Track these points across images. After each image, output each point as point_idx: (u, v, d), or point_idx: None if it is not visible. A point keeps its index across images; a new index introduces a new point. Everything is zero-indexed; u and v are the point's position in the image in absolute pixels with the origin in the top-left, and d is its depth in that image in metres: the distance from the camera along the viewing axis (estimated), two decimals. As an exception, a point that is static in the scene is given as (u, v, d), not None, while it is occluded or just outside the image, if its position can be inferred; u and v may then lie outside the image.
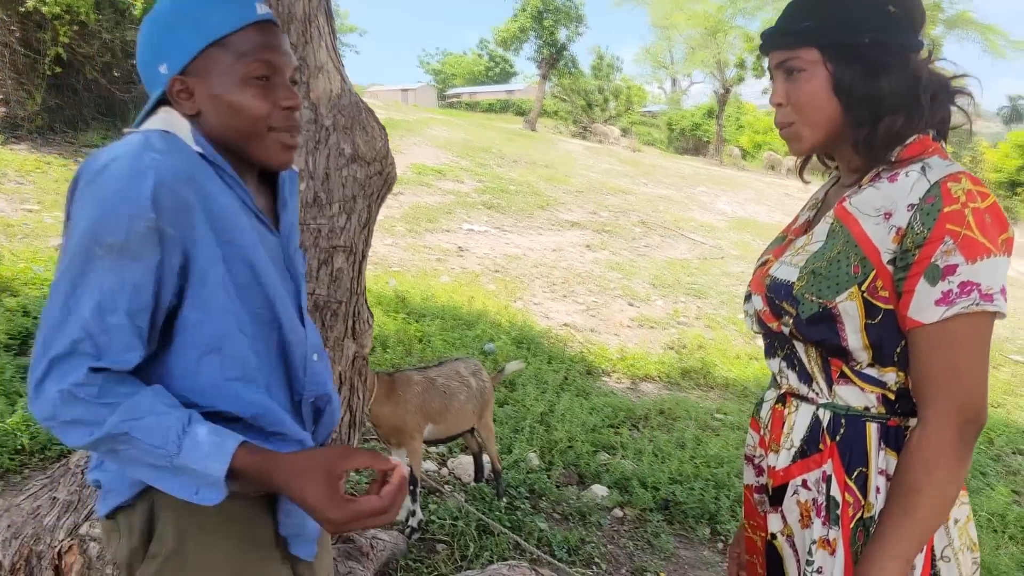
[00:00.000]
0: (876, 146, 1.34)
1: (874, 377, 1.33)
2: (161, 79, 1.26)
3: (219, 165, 1.27)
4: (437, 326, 6.36)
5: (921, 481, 1.23)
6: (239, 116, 1.27)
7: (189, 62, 1.25)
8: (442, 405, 3.53)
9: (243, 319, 1.26)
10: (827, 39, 1.33)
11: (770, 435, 1.48)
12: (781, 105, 1.42)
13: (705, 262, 11.33)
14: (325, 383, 1.44)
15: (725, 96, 32.91)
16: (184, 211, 1.17)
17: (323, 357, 1.44)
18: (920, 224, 1.23)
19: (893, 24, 1.32)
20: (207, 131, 1.29)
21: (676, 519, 4.01)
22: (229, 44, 1.26)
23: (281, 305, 1.31)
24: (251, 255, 1.26)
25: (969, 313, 1.20)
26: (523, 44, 31.41)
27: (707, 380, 6.61)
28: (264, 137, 1.30)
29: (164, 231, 1.15)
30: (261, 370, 1.30)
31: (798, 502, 1.41)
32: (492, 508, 3.75)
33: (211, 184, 1.23)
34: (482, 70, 72.17)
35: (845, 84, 1.33)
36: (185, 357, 1.24)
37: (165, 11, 1.27)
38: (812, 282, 1.33)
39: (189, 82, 1.26)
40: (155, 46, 1.27)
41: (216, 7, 1.26)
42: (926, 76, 1.33)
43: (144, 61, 1.28)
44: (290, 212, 1.43)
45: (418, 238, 10.25)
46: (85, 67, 10.35)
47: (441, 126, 20.57)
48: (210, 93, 1.26)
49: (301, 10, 2.35)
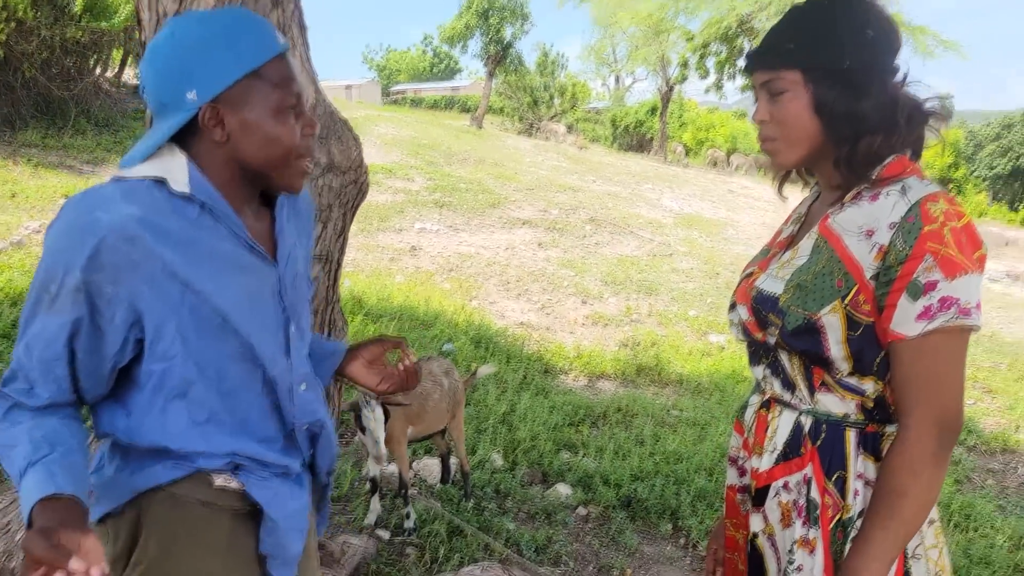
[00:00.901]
0: (856, 164, 1.40)
1: (854, 386, 1.40)
2: (188, 105, 1.25)
3: (209, 203, 1.28)
4: (395, 327, 6.37)
5: (907, 484, 1.30)
6: (274, 145, 1.29)
7: (224, 90, 1.25)
8: (420, 406, 3.55)
9: (210, 364, 1.30)
10: (809, 62, 1.39)
11: (754, 438, 1.55)
12: (764, 122, 1.48)
13: (654, 259, 11.51)
14: (316, 410, 1.46)
15: (668, 94, 33.31)
16: (128, 268, 1.20)
17: (312, 385, 1.46)
18: (902, 242, 1.30)
19: (872, 48, 1.38)
20: (230, 158, 1.30)
21: (639, 516, 4.10)
22: (264, 74, 1.27)
23: (260, 343, 1.33)
24: (220, 303, 1.27)
25: (949, 327, 1.28)
26: (469, 41, 31.36)
27: (661, 377, 6.74)
28: (291, 165, 1.33)
29: (99, 287, 1.20)
30: (232, 410, 1.34)
31: (780, 503, 1.48)
32: (460, 510, 3.79)
33: (182, 230, 1.25)
34: (427, 66, 71.82)
35: (826, 105, 1.39)
36: (153, 405, 1.29)
37: (196, 37, 1.25)
38: (798, 295, 1.40)
39: (221, 110, 1.26)
40: (184, 72, 1.24)
41: (251, 36, 1.27)
42: (902, 98, 1.39)
43: (166, 86, 1.26)
44: (288, 238, 1.44)
45: (370, 237, 10.21)
46: (23, 64, 10.06)
47: (388, 124, 20.46)
48: (244, 122, 1.27)
49: (276, 20, 2.35)
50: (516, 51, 31.50)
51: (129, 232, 1.19)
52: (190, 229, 1.26)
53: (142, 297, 1.22)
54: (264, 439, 1.39)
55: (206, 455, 1.32)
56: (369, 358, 1.62)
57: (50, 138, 10.67)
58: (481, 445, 4.55)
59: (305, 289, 1.48)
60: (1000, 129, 49.66)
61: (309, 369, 1.47)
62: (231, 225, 1.31)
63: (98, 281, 1.19)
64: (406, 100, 51.63)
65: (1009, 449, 5.93)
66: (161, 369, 1.27)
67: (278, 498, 1.39)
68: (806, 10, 1.45)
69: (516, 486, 4.15)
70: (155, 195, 1.24)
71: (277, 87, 1.29)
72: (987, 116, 57.27)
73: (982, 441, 5.97)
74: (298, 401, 1.41)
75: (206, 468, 1.33)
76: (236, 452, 1.34)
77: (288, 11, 2.40)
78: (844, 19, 1.39)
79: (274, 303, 1.39)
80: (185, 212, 1.26)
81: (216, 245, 1.29)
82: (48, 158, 9.93)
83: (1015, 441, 6.04)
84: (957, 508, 4.41)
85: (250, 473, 1.37)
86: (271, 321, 1.38)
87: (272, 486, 1.39)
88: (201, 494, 1.34)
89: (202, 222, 1.28)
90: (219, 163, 1.30)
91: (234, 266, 1.31)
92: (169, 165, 1.27)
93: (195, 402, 1.30)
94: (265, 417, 1.39)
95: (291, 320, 1.41)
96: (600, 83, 45.25)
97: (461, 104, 46.70)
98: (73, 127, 11.19)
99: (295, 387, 1.41)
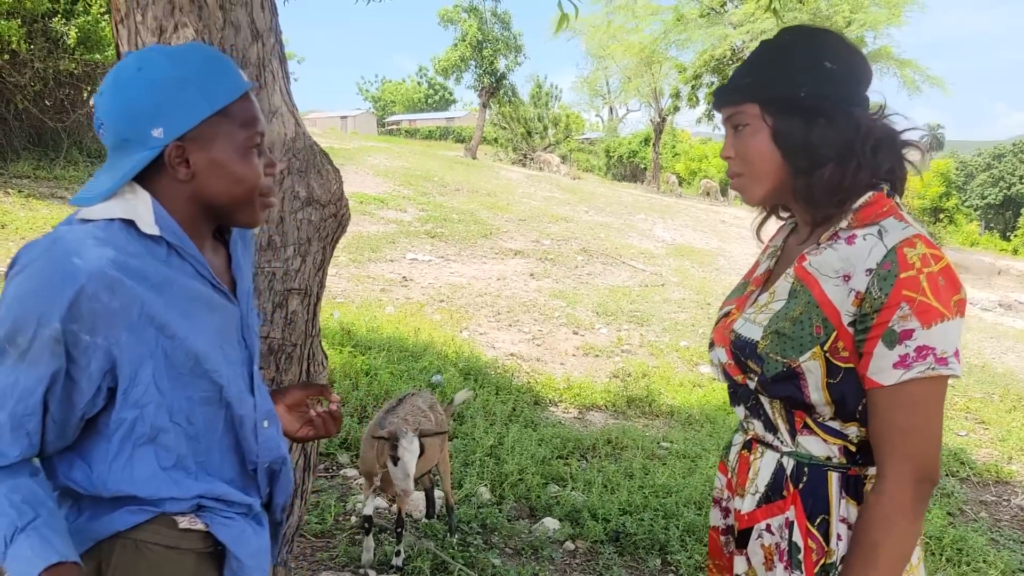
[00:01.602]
0: (814, 196, 1.39)
1: (836, 430, 1.38)
2: (153, 143, 1.24)
3: (176, 244, 1.27)
4: (384, 358, 6.32)
5: (881, 537, 1.28)
6: (241, 184, 1.30)
7: (191, 129, 1.25)
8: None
9: (180, 408, 1.28)
10: (765, 93, 1.40)
11: (736, 479, 1.53)
12: (731, 158, 1.48)
13: (646, 289, 11.51)
14: (278, 447, 1.46)
15: (661, 124, 33.58)
16: (106, 316, 1.18)
17: (274, 422, 1.46)
18: (878, 289, 1.28)
19: (831, 78, 1.38)
20: (193, 196, 1.29)
21: (627, 550, 4.04)
22: (230, 113, 1.28)
23: (230, 384, 1.33)
24: (194, 345, 1.27)
25: (925, 377, 1.26)
26: (463, 73, 31.65)
27: (652, 408, 6.69)
28: (255, 202, 1.33)
29: (76, 336, 1.17)
30: (196, 453, 1.32)
31: (762, 546, 1.46)
32: (445, 545, 3.74)
33: (156, 271, 1.24)
34: (421, 97, 72.37)
35: (783, 135, 1.39)
36: (121, 454, 1.26)
37: (165, 75, 1.24)
38: (776, 342, 1.38)
39: (187, 148, 1.26)
40: (152, 109, 1.23)
41: (220, 75, 1.28)
42: (867, 127, 1.38)
43: (130, 122, 1.24)
44: (245, 275, 1.45)
45: (361, 268, 10.19)
46: (16, 96, 10.10)
47: (382, 154, 20.54)
48: (210, 160, 1.28)
49: (255, 55, 2.35)
50: (510, 82, 31.83)
51: (108, 278, 1.17)
52: (163, 270, 1.25)
53: (119, 344, 1.20)
54: (228, 479, 1.38)
55: (172, 500, 1.30)
56: (291, 403, 1.60)
57: (42, 169, 10.67)
58: (468, 479, 4.49)
59: (256, 323, 1.49)
60: (991, 159, 50.15)
61: (271, 406, 1.46)
62: (197, 265, 1.31)
63: (75, 331, 1.16)
64: (401, 131, 51.99)
65: (1002, 480, 5.89)
66: (133, 417, 1.25)
67: (243, 537, 1.37)
68: (767, 46, 1.46)
69: (503, 521, 4.09)
70: (127, 236, 1.23)
71: (243, 126, 1.29)
72: (978, 146, 57.78)
73: (975, 472, 5.92)
74: (261, 439, 1.41)
75: (170, 511, 1.31)
76: (202, 495, 1.33)
77: (268, 45, 2.40)
78: (800, 52, 1.40)
79: (239, 342, 1.39)
80: (155, 253, 1.26)
81: (188, 285, 1.28)
82: (39, 189, 9.92)
83: (1008, 472, 6.00)
84: (949, 542, 4.36)
85: (214, 513, 1.35)
86: (237, 360, 1.38)
87: (236, 525, 1.37)
88: (165, 538, 1.31)
89: (171, 262, 1.28)
90: (181, 201, 1.29)
91: (205, 306, 1.31)
92: (133, 204, 1.25)
93: (163, 447, 1.28)
94: (226, 457, 1.38)
95: (253, 357, 1.42)
96: (594, 114, 45.67)
97: (456, 135, 47.05)
98: (65, 158, 11.20)
99: (259, 424, 1.41)
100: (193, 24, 2.25)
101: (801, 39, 1.42)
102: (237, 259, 1.44)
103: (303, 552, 3.57)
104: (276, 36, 2.44)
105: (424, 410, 3.60)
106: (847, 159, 1.37)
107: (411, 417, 3.46)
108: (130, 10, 2.25)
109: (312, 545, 3.66)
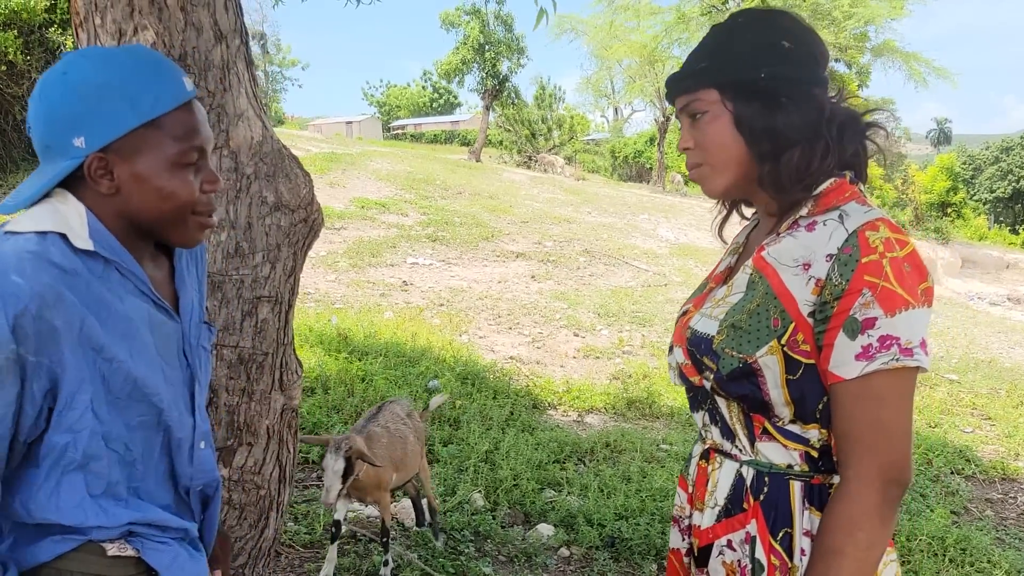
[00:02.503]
0: (782, 182, 1.32)
1: (796, 434, 1.30)
2: (74, 152, 1.17)
3: (114, 259, 1.20)
4: (380, 364, 6.27)
5: (843, 543, 1.19)
6: (168, 201, 1.21)
7: (115, 140, 1.17)
8: (402, 451, 3.47)
9: (118, 435, 1.21)
10: (724, 77, 1.33)
11: (695, 492, 1.45)
12: (689, 149, 1.41)
13: (649, 289, 11.43)
14: (212, 469, 1.40)
15: (665, 124, 33.49)
16: (49, 336, 1.11)
17: (209, 443, 1.39)
18: (838, 275, 1.21)
19: (790, 59, 1.31)
20: (119, 211, 1.22)
21: (623, 556, 3.97)
22: (162, 125, 1.19)
23: (169, 407, 1.26)
24: (133, 369, 1.20)
25: (890, 369, 1.18)
26: (466, 76, 31.63)
27: (652, 410, 6.61)
28: (187, 221, 1.25)
29: (25, 359, 1.09)
30: (131, 479, 1.25)
31: (723, 563, 1.38)
32: (436, 554, 3.67)
33: (92, 289, 1.16)
34: (426, 102, 72.41)
35: (745, 120, 1.32)
36: (50, 478, 1.19)
37: (88, 81, 1.17)
38: (732, 336, 1.30)
39: (110, 160, 1.18)
40: (73, 117, 1.16)
41: (151, 84, 1.19)
42: (830, 109, 1.32)
43: (50, 129, 1.18)
44: (189, 289, 1.37)
45: (361, 273, 10.15)
46: (14, 107, 10.11)
47: (384, 159, 20.52)
48: (135, 174, 1.19)
49: (219, 57, 2.29)
50: (513, 85, 31.79)
51: (51, 296, 1.10)
52: (99, 289, 1.17)
53: (61, 363, 1.13)
54: (163, 504, 1.31)
55: (100, 528, 1.23)
56: None
57: (41, 179, 10.68)
58: (462, 485, 4.43)
59: (205, 337, 1.40)
60: (999, 152, 49.84)
61: (208, 427, 1.40)
62: (136, 282, 1.23)
63: (24, 354, 1.09)
64: (406, 135, 52.02)
65: (1008, 477, 5.79)
66: (64, 442, 1.17)
67: (176, 562, 1.31)
68: (719, 29, 1.39)
69: (496, 527, 4.03)
70: (62, 251, 1.15)
71: (177, 139, 1.20)
72: (986, 140, 57.48)
73: (980, 470, 5.82)
74: (196, 460, 1.34)
75: (97, 539, 1.24)
76: (132, 522, 1.25)
77: (233, 47, 2.35)
78: (757, 33, 1.33)
79: (179, 361, 1.32)
80: (92, 268, 1.18)
81: (125, 304, 1.21)
82: (38, 200, 9.93)
83: (1014, 469, 5.90)
84: (953, 542, 4.26)
85: (145, 539, 1.28)
86: (178, 381, 1.31)
87: (170, 551, 1.30)
88: (93, 567, 1.24)
89: (109, 277, 1.20)
90: (110, 215, 1.21)
91: (145, 325, 1.23)
92: (65, 215, 1.18)
93: (94, 474, 1.21)
94: (162, 482, 1.31)
95: (195, 375, 1.35)
96: (599, 115, 45.61)
97: (461, 138, 47.05)
98: (64, 169, 11.21)
99: (196, 446, 1.34)
100: (153, 26, 2.20)
101: (754, 20, 1.35)
102: (180, 272, 1.37)
103: (291, 563, 3.51)
104: (242, 37, 2.39)
105: (403, 417, 3.55)
106: (814, 142, 1.30)
107: (392, 425, 3.41)
108: (89, 13, 2.20)
109: (300, 556, 3.61)
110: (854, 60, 27.06)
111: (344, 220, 13.06)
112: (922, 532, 4.33)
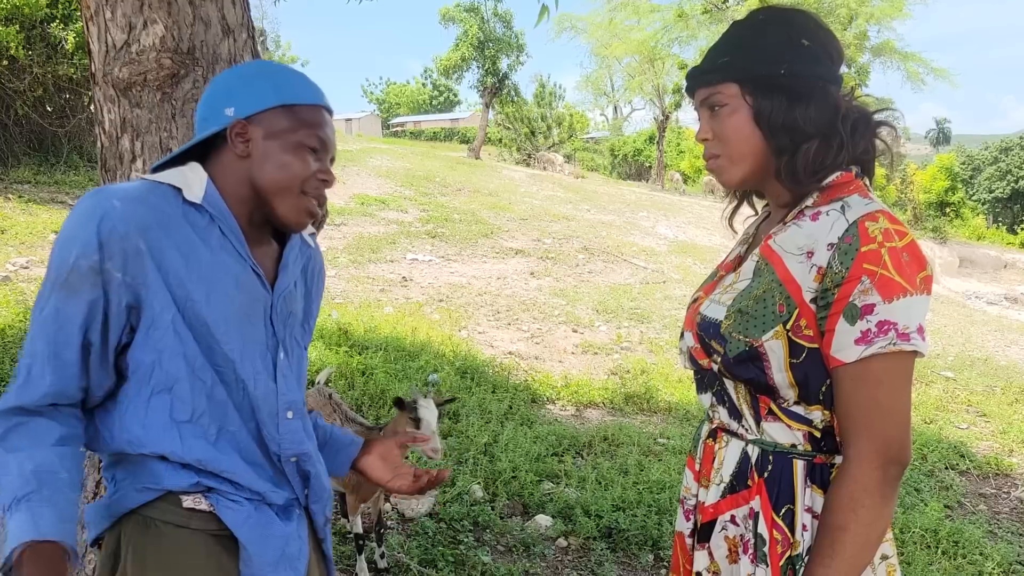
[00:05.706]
0: (797, 174, 1.37)
1: (800, 415, 1.35)
2: (223, 119, 1.38)
3: (219, 218, 1.36)
4: (380, 358, 6.32)
5: (847, 520, 1.24)
6: (284, 170, 1.38)
7: (257, 112, 1.37)
8: None
9: (202, 367, 1.33)
10: (745, 73, 1.37)
11: (702, 469, 1.50)
12: (707, 140, 1.46)
13: (647, 286, 11.48)
14: (302, 442, 1.46)
15: (664, 122, 33.55)
16: (135, 256, 1.26)
17: (300, 415, 1.47)
18: (838, 263, 1.26)
19: (808, 56, 1.36)
20: (245, 175, 1.39)
21: (620, 547, 4.02)
22: (297, 111, 1.39)
23: (244, 361, 1.36)
24: (204, 311, 1.32)
25: (887, 352, 1.23)
26: (465, 73, 31.63)
27: (650, 405, 6.67)
28: (295, 196, 1.40)
29: (110, 273, 1.25)
30: (214, 417, 1.35)
31: (726, 538, 1.43)
32: (435, 543, 3.72)
33: (185, 233, 1.32)
34: (426, 99, 72.42)
35: (764, 114, 1.36)
36: (138, 396, 1.32)
37: (250, 70, 1.42)
38: (739, 321, 1.36)
39: (250, 128, 1.37)
40: (229, 92, 1.39)
41: (296, 82, 1.42)
42: (845, 106, 1.37)
43: (210, 104, 1.40)
44: (290, 275, 1.50)
45: (361, 269, 10.19)
46: (16, 102, 10.13)
47: (384, 155, 20.57)
48: (267, 143, 1.38)
49: (227, 51, 2.34)
50: (512, 82, 31.78)
51: (141, 222, 1.26)
52: (194, 236, 1.33)
53: (145, 284, 1.27)
54: (251, 462, 1.39)
55: (170, 463, 1.32)
56: (383, 452, 1.68)
57: (42, 174, 10.69)
58: (461, 477, 4.48)
59: (299, 333, 1.52)
60: (998, 153, 49.88)
61: (299, 399, 1.47)
62: (235, 242, 1.38)
63: (110, 268, 1.24)
64: (406, 132, 52.01)
65: (1002, 473, 5.84)
66: (151, 360, 1.30)
67: (250, 523, 1.37)
68: (740, 26, 1.44)
69: (495, 518, 4.08)
70: (167, 198, 1.33)
71: (305, 126, 1.39)
72: (985, 140, 57.51)
73: (975, 465, 5.87)
74: (283, 429, 1.42)
75: (174, 490, 1.34)
76: (203, 460, 1.33)
77: (241, 40, 2.39)
78: (777, 30, 1.38)
79: (264, 326, 1.42)
80: (194, 220, 1.34)
81: (217, 257, 1.35)
82: (40, 194, 9.94)
83: (1008, 464, 5.96)
84: (945, 535, 4.32)
85: (220, 495, 1.36)
86: (259, 343, 1.40)
87: (243, 510, 1.37)
88: (172, 516, 1.35)
89: (209, 233, 1.36)
90: (236, 179, 1.39)
91: (230, 280, 1.36)
92: (189, 177, 1.37)
93: (179, 398, 1.32)
94: (251, 441, 1.40)
95: (281, 347, 1.44)
96: (598, 113, 45.63)
97: (461, 135, 47.05)
98: (66, 163, 11.22)
99: (281, 413, 1.42)
100: (163, 20, 2.24)
101: (775, 18, 1.40)
102: (287, 260, 1.50)
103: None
104: (249, 32, 2.43)
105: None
106: (830, 137, 1.35)
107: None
108: (99, 7, 2.24)
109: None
110: (853, 60, 27.11)
111: (344, 216, 13.11)
112: (916, 525, 4.39)
